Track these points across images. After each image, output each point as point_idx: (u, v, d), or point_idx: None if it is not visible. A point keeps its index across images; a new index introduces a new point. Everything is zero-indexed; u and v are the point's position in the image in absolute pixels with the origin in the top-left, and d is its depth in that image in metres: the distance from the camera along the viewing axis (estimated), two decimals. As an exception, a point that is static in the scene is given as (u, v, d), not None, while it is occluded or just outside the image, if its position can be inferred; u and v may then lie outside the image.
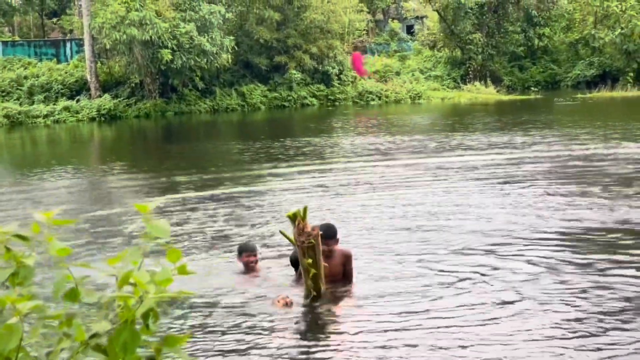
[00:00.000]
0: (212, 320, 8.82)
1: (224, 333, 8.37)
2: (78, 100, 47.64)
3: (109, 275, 2.54)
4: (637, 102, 46.39)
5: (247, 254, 10.52)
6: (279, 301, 9.03)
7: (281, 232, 9.50)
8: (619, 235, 12.06)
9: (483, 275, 10.02)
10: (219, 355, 7.80)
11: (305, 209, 9.13)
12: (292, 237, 9.18)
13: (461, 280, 9.84)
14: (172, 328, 8.40)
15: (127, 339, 2.42)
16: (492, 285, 9.61)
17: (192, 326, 8.56)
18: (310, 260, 9.05)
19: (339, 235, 9.82)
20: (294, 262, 9.95)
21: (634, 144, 23.68)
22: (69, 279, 2.49)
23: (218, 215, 15.01)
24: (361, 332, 8.26)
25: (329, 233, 9.50)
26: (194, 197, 17.35)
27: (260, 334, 8.29)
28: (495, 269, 10.32)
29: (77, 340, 2.44)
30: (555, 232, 12.36)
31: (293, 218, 9.06)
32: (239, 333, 8.33)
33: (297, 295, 9.35)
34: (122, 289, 2.48)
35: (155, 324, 2.50)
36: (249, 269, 10.50)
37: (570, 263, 10.51)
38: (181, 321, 8.75)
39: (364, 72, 57.82)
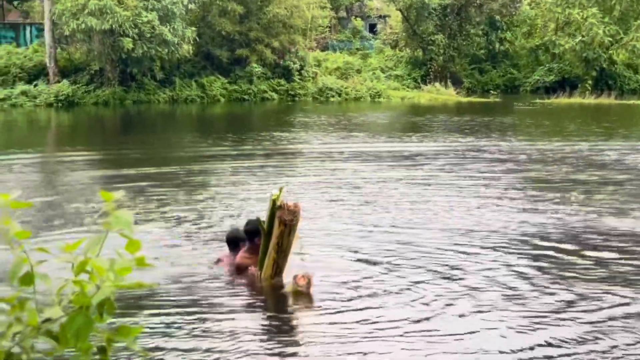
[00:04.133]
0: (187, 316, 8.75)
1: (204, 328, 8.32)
2: (36, 85, 47.03)
3: (65, 262, 2.48)
4: (594, 109, 46.86)
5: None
6: (302, 277, 9.00)
7: (259, 223, 9.45)
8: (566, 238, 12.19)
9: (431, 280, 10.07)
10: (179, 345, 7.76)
11: (281, 190, 9.19)
12: (265, 224, 9.21)
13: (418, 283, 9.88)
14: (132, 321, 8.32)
15: (80, 326, 2.37)
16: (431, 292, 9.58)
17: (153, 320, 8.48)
18: (299, 236, 9.16)
19: None
20: (231, 241, 10.03)
21: (587, 148, 23.95)
22: (24, 262, 2.44)
23: (176, 204, 14.92)
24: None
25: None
26: (151, 186, 17.23)
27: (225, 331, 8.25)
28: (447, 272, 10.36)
29: (29, 324, 2.39)
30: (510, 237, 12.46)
31: (276, 199, 9.10)
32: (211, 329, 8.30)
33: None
34: (79, 276, 2.43)
35: (110, 314, 2.45)
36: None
37: (519, 270, 10.60)
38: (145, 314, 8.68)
39: None
